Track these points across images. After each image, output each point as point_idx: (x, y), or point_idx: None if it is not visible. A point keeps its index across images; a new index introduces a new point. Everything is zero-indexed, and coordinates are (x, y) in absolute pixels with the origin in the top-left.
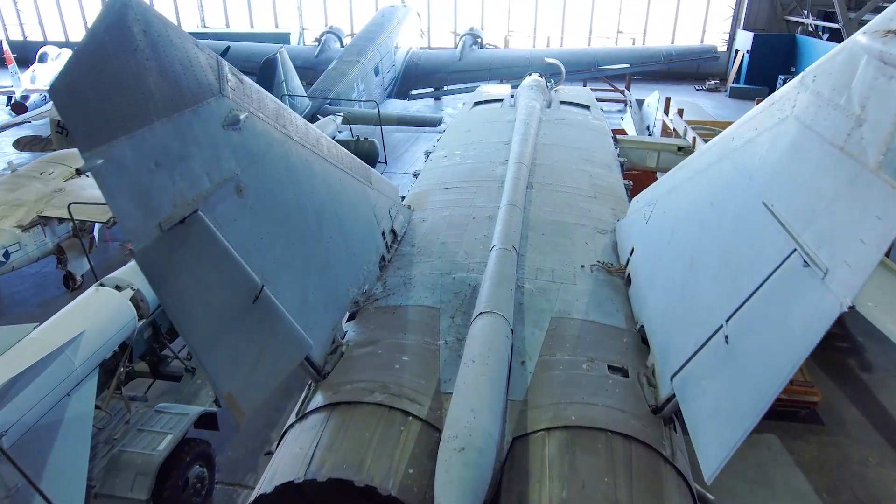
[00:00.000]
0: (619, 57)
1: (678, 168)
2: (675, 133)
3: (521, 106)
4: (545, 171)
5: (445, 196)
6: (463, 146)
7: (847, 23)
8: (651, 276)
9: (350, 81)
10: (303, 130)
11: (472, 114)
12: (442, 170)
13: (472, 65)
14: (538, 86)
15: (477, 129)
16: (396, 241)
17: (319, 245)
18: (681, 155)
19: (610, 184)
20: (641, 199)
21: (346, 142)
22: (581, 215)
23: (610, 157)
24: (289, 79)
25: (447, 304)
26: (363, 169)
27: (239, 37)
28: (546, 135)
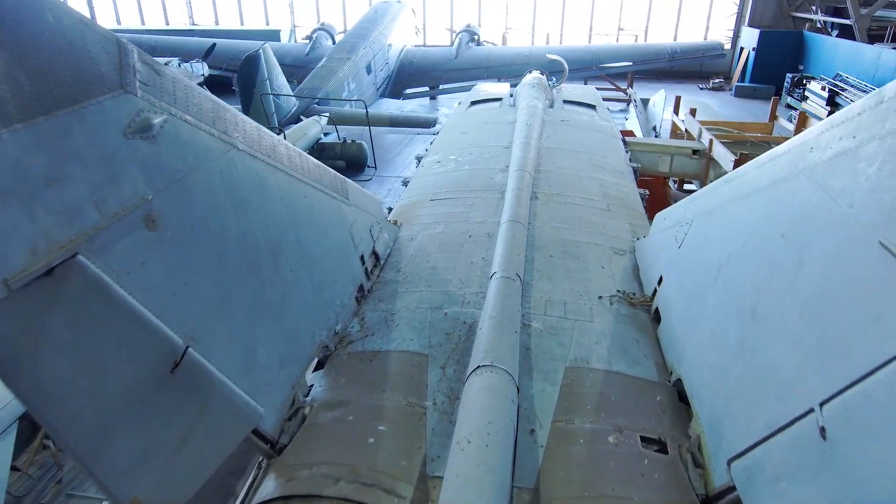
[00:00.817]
0: (622, 54)
1: (721, 182)
2: (688, 135)
3: (521, 105)
4: (551, 180)
5: (438, 209)
6: (458, 150)
7: (859, 19)
8: (690, 319)
9: (340, 80)
10: (253, 136)
11: (468, 114)
12: (434, 177)
13: (469, 63)
14: (540, 83)
15: (474, 132)
16: (379, 266)
17: (274, 283)
18: (696, 159)
19: (624, 193)
20: (669, 217)
21: (331, 144)
22: (594, 232)
23: (622, 163)
24: (273, 77)
25: (437, 348)
26: (337, 181)
27: (227, 34)
28: (550, 137)
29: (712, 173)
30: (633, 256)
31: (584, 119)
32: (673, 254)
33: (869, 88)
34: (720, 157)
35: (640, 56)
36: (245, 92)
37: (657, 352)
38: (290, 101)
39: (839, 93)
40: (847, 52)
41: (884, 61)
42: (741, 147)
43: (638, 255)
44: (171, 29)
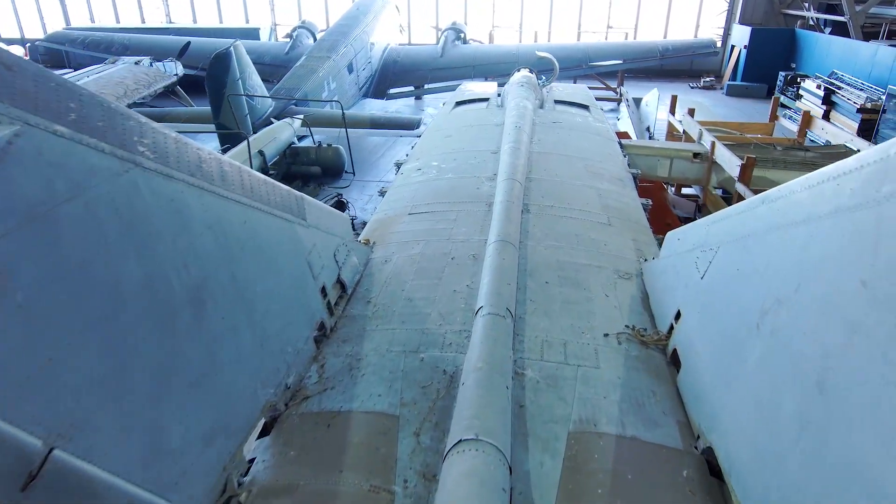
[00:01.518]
0: (612, 52)
1: (758, 202)
2: (686, 136)
3: (510, 106)
4: (544, 189)
5: (417, 224)
6: (441, 156)
7: (854, 16)
8: (723, 374)
9: (319, 79)
10: (168, 150)
11: (452, 116)
12: (414, 187)
13: (455, 61)
14: (529, 82)
15: (459, 135)
16: (345, 297)
17: (196, 339)
18: (697, 163)
19: (625, 204)
20: (686, 238)
21: (305, 149)
22: (595, 252)
23: (620, 169)
24: (246, 76)
25: (411, 407)
26: (291, 200)
27: (205, 32)
28: (542, 141)
29: (714, 178)
30: (640, 281)
31: (578, 120)
32: (694, 285)
33: (866, 87)
34: (725, 162)
35: (630, 54)
36: (215, 93)
37: (677, 406)
38: (266, 102)
39: (835, 91)
40: (841, 49)
41: (880, 59)
42: (744, 150)
43: (647, 280)
44: (147, 27)
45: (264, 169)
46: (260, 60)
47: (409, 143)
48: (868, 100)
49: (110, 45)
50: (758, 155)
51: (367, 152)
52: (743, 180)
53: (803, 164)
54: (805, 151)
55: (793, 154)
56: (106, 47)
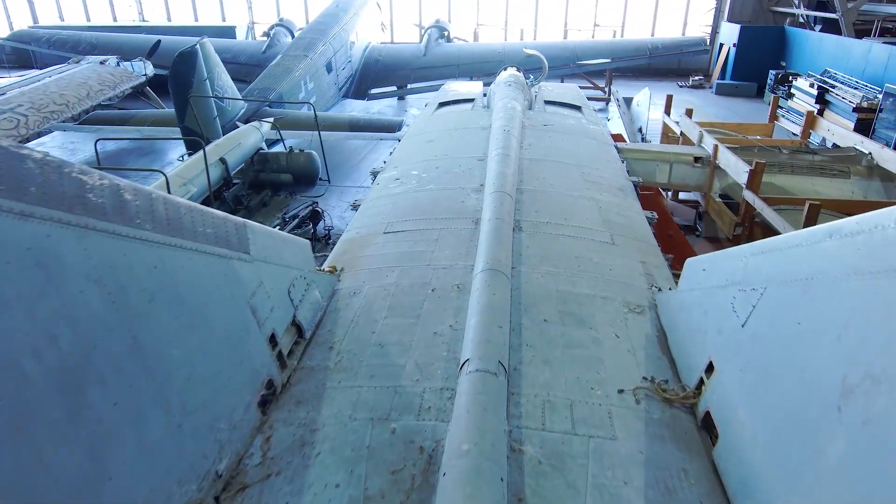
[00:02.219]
0: (601, 51)
1: (823, 234)
2: (684, 139)
3: (497, 107)
4: (537, 202)
5: (393, 246)
6: (422, 164)
7: (846, 12)
8: (788, 465)
9: (296, 79)
10: (25, 174)
11: (435, 118)
12: (391, 200)
13: (439, 60)
14: (517, 82)
15: (441, 140)
16: (303, 342)
17: (66, 446)
18: (699, 167)
19: (629, 218)
20: (714, 269)
21: (275, 155)
22: (600, 278)
23: (620, 177)
24: (214, 76)
25: (377, 500)
26: (229, 229)
27: (179, 31)
28: (532, 146)
29: (717, 184)
30: (654, 314)
31: (571, 123)
32: (731, 332)
33: (861, 85)
34: (730, 167)
35: (619, 52)
36: (179, 94)
37: (715, 487)
38: (238, 104)
39: (829, 90)
40: (833, 47)
41: (874, 56)
42: (748, 153)
43: (664, 315)
44: (119, 26)
45: (226, 178)
46: (235, 60)
47: (391, 146)
48: (864, 98)
49: (77, 44)
50: (763, 159)
51: (346, 156)
52: (752, 187)
53: (812, 168)
54: (813, 155)
55: (800, 157)
56: (73, 46)
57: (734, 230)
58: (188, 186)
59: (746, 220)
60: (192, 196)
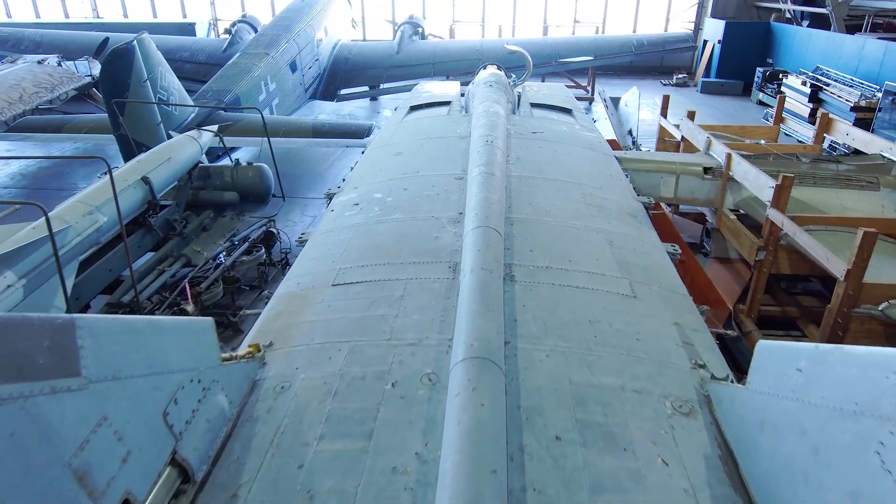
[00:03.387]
0: (584, 48)
1: None
2: (686, 145)
3: (477, 112)
4: (532, 238)
5: (343, 307)
6: (388, 184)
7: (836, 7)
8: None
9: (255, 80)
10: None
11: (405, 126)
12: (346, 235)
13: (413, 58)
14: (498, 82)
15: (412, 152)
16: (190, 491)
17: None
18: (709, 179)
19: (648, 256)
20: (821, 375)
21: (219, 169)
22: (626, 357)
23: (628, 197)
24: (157, 77)
25: None
26: (36, 343)
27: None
28: (521, 161)
29: (730, 198)
30: (708, 414)
31: (563, 129)
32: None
33: (856, 83)
34: (748, 180)
35: (603, 49)
36: (113, 98)
37: None
38: (187, 108)
39: (822, 88)
40: (824, 43)
41: (869, 53)
42: (763, 163)
43: (728, 425)
44: (70, 23)
45: (152, 201)
46: (193, 59)
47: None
48: (862, 97)
49: (19, 42)
50: (783, 169)
51: (311, 163)
52: (778, 205)
53: (836, 179)
54: (836, 164)
55: (823, 167)
56: (14, 44)
57: (756, 255)
58: (96, 215)
59: (771, 244)
60: (100, 228)
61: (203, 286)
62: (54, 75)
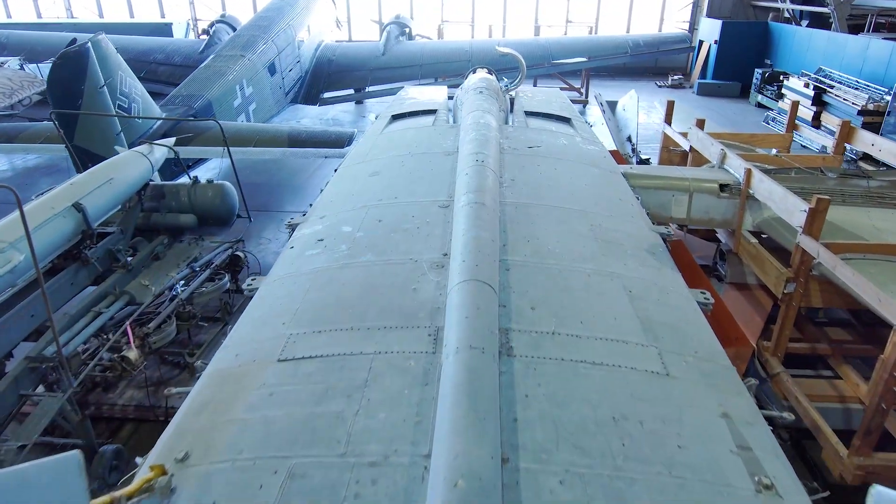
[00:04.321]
0: (578, 49)
1: None
2: (694, 155)
3: (466, 124)
4: (533, 290)
5: (286, 398)
6: (360, 214)
7: (839, 6)
8: None
9: (229, 84)
10: None
11: (385, 139)
12: (304, 283)
13: (399, 60)
14: (489, 87)
15: (391, 173)
16: None
17: None
18: (726, 197)
19: (676, 312)
20: None
21: (174, 188)
22: (667, 477)
23: (643, 227)
24: (117, 82)
25: None
26: None
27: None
28: (517, 183)
29: (749, 218)
30: None
31: (562, 143)
32: None
33: (862, 85)
34: (773, 200)
35: (597, 50)
36: (64, 106)
37: None
38: (154, 112)
39: (826, 90)
40: (825, 43)
41: (874, 53)
42: (784, 179)
43: None
44: (41, 23)
45: (86, 231)
46: (169, 61)
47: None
48: (870, 100)
49: None
50: (808, 186)
51: (291, 172)
52: (812, 232)
53: (867, 197)
54: (867, 179)
55: (852, 184)
56: None
57: (784, 287)
58: (9, 253)
59: (802, 275)
60: (16, 268)
61: (152, 326)
62: (14, 79)
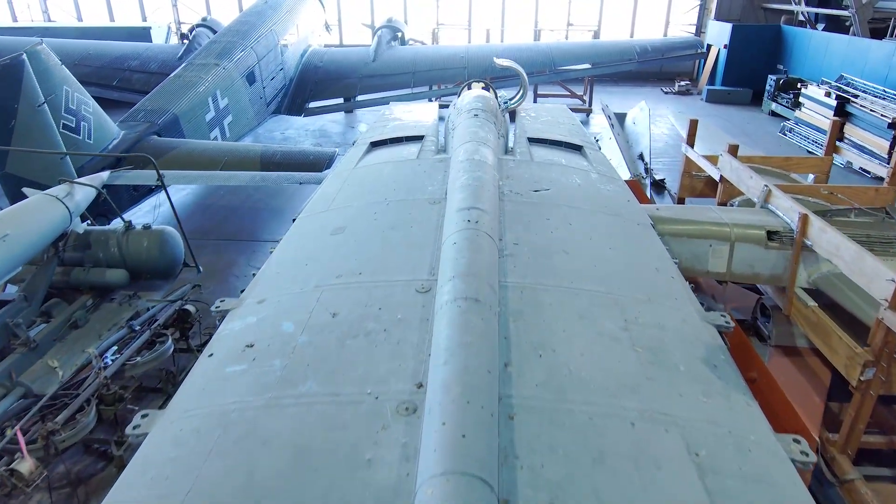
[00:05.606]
0: (582, 55)
1: None
2: (725, 186)
3: (458, 159)
4: (552, 459)
5: None
6: (308, 302)
7: (860, 9)
8: None
9: (201, 96)
10: None
11: (358, 176)
12: (211, 436)
13: (390, 66)
14: (486, 107)
15: (358, 232)
16: None
17: None
18: (774, 248)
19: (765, 482)
20: None
21: (103, 235)
22: None
23: (692, 315)
24: (62, 98)
25: None
26: None
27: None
28: (520, 248)
29: (804, 273)
30: None
31: (574, 183)
32: None
33: (889, 95)
34: (843, 259)
35: (602, 56)
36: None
37: None
38: (107, 134)
39: (849, 100)
40: (845, 48)
41: None
42: (844, 223)
43: None
44: (18, 27)
45: None
46: (144, 68)
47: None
48: None
49: None
50: (874, 233)
51: (267, 193)
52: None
53: None
54: None
55: None
56: None
57: (861, 373)
58: None
59: (884, 358)
60: None
61: (60, 419)
62: None
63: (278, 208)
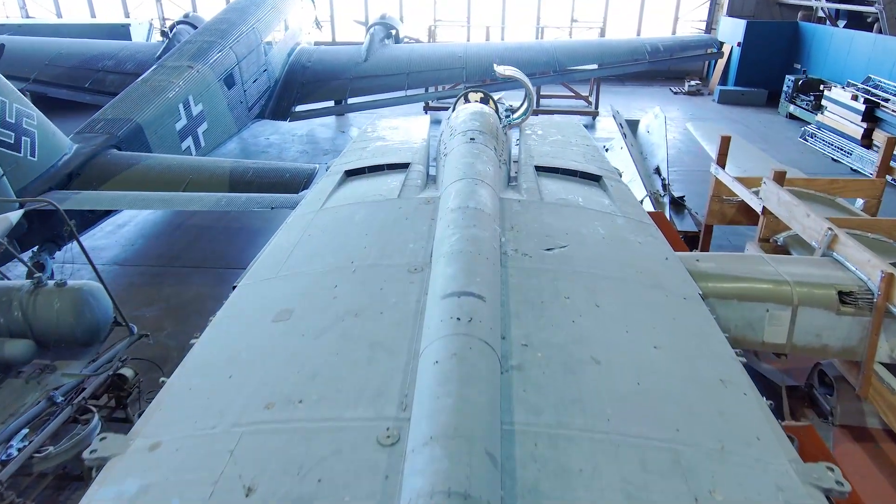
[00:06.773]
0: (588, 54)
1: None
2: (768, 224)
3: (448, 206)
4: None
5: None
6: (223, 447)
7: (888, 5)
8: None
9: (170, 102)
10: None
11: (323, 220)
12: None
13: (383, 67)
14: (485, 128)
15: (311, 316)
16: None
17: None
18: (848, 313)
19: None
20: None
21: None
22: None
23: (784, 467)
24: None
25: None
26: None
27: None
28: (530, 352)
29: (885, 346)
30: None
31: (598, 235)
32: None
33: None
34: None
35: (611, 56)
36: None
37: None
38: (57, 150)
39: (880, 104)
40: (871, 47)
41: None
42: None
43: None
44: None
45: None
46: (119, 68)
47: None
48: None
49: None
50: None
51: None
52: None
53: None
54: None
55: None
56: None
57: None
58: None
59: None
60: None
61: None
62: None
63: (256, 229)
